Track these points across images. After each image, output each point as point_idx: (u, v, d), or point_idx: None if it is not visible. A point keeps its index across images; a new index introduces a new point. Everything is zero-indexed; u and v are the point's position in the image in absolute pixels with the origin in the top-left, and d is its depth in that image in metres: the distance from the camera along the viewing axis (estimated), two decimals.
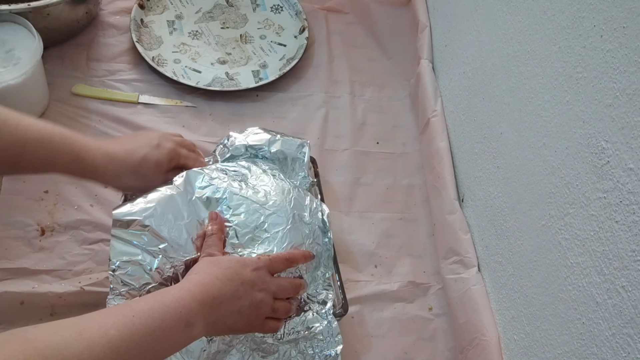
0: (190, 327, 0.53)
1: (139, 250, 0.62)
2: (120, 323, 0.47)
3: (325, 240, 0.72)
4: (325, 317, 0.68)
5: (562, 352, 0.57)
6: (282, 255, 0.64)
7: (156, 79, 0.93)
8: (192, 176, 0.68)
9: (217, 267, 0.59)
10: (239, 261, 0.61)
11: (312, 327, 0.67)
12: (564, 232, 0.57)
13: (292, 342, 0.67)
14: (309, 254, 0.68)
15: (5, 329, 0.67)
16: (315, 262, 0.70)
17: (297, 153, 0.78)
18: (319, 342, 0.68)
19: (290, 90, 0.97)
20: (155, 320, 0.50)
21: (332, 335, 0.68)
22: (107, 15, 0.98)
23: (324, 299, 0.70)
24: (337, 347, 0.67)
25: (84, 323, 0.47)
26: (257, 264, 0.61)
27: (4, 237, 0.74)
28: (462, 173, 0.84)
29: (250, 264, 0.61)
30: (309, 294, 0.69)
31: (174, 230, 0.64)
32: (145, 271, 0.62)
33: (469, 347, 0.71)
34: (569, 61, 0.57)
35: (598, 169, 0.52)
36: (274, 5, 1.07)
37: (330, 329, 0.68)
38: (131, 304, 0.51)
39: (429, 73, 0.94)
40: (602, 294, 0.51)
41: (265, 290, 0.61)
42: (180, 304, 0.52)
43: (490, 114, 0.75)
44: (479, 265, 0.76)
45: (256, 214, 0.67)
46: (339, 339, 0.67)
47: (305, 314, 0.68)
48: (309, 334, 0.67)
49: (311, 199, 0.73)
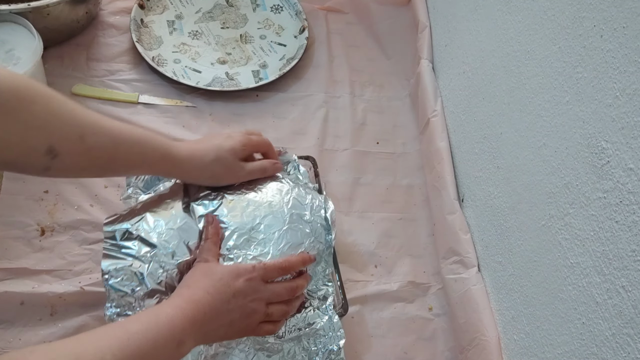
0: (181, 345, 0.54)
1: (130, 259, 0.63)
2: (115, 347, 0.48)
3: (328, 237, 0.72)
4: (325, 312, 0.68)
5: (562, 352, 0.57)
6: (277, 262, 0.64)
7: (156, 79, 0.93)
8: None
9: (209, 279, 0.59)
10: (231, 272, 0.61)
11: (313, 324, 0.68)
12: (564, 232, 0.57)
13: (295, 339, 0.67)
14: (307, 258, 0.67)
15: (6, 329, 0.68)
16: (317, 259, 0.70)
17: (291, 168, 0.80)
18: (322, 338, 0.68)
19: (290, 90, 0.97)
20: (149, 341, 0.51)
21: (334, 330, 0.68)
22: (107, 15, 0.98)
23: (324, 294, 0.70)
24: (340, 342, 0.67)
25: (80, 347, 0.47)
26: (250, 273, 0.61)
27: (4, 237, 0.74)
28: (462, 173, 0.84)
29: (244, 273, 0.61)
30: (309, 290, 0.69)
31: (164, 235, 0.64)
32: (138, 277, 0.62)
33: (469, 347, 0.71)
34: (569, 61, 0.57)
35: (598, 169, 0.52)
36: (274, 5, 1.07)
37: (332, 324, 0.68)
38: (126, 325, 0.52)
39: (429, 73, 0.94)
40: (602, 294, 0.51)
41: (257, 300, 0.61)
42: (173, 323, 0.53)
43: (490, 114, 0.75)
44: (479, 265, 0.76)
45: (252, 215, 0.68)
46: (341, 334, 0.68)
47: (305, 311, 0.68)
48: (311, 331, 0.67)
49: (314, 196, 0.73)
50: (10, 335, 0.68)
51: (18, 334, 0.68)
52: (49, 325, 0.69)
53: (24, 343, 0.68)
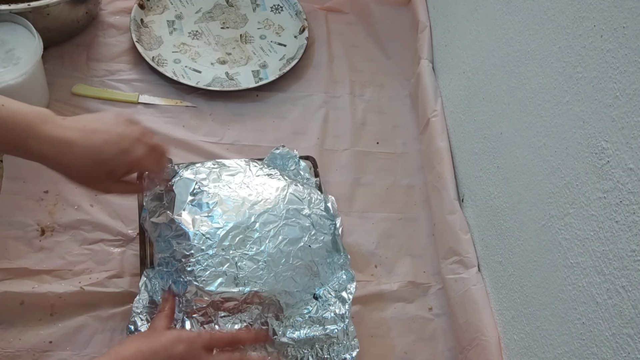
0: None
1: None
2: None
3: (331, 225, 0.72)
4: (342, 320, 0.68)
5: (562, 352, 0.57)
6: (225, 335, 0.63)
7: (156, 79, 0.93)
8: (182, 185, 0.70)
9: (148, 340, 0.59)
10: (175, 337, 0.59)
11: (327, 328, 0.67)
12: (564, 232, 0.57)
13: (308, 343, 0.67)
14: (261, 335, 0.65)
15: (6, 329, 0.68)
16: (327, 252, 0.70)
17: (289, 163, 0.80)
18: (335, 346, 0.67)
19: (290, 90, 0.97)
20: None
21: (348, 338, 0.68)
22: (107, 15, 0.98)
23: (340, 294, 0.69)
24: (354, 352, 0.67)
25: None
26: (193, 340, 0.60)
27: (4, 237, 0.74)
28: (462, 173, 0.84)
29: (186, 340, 0.59)
30: (326, 286, 0.70)
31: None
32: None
33: (469, 347, 0.71)
34: (569, 61, 0.57)
35: (598, 169, 0.52)
36: (274, 5, 1.07)
37: (347, 332, 0.68)
38: None
39: (429, 73, 0.94)
40: (602, 294, 0.51)
41: None
42: None
43: (490, 114, 0.75)
44: (479, 265, 0.76)
45: (247, 214, 0.68)
46: (355, 343, 0.68)
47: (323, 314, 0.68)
48: (325, 337, 0.67)
49: (312, 191, 0.73)
50: (10, 335, 0.68)
51: (18, 334, 0.68)
52: (49, 325, 0.69)
53: (24, 343, 0.68)
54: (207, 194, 0.69)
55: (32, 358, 0.67)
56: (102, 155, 0.58)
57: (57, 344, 0.68)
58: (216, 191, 0.70)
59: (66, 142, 0.56)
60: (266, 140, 0.90)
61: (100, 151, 0.58)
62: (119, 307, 0.71)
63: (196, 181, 0.71)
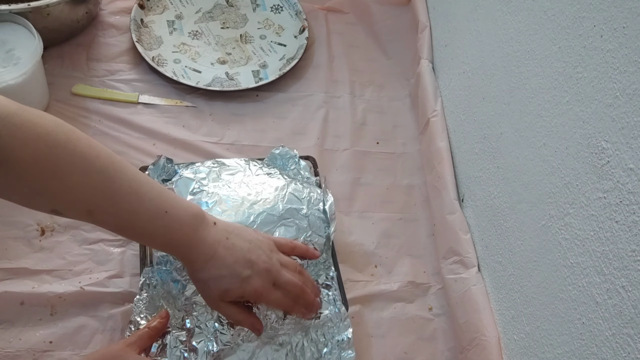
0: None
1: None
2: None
3: (327, 230, 0.72)
4: (331, 302, 0.69)
5: (562, 352, 0.57)
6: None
7: (156, 79, 0.93)
8: (182, 185, 0.70)
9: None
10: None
11: (320, 313, 0.68)
12: (564, 232, 0.57)
13: (303, 330, 0.67)
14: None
15: (6, 329, 0.68)
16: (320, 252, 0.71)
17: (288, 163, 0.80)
18: (329, 329, 0.68)
19: (290, 90, 0.97)
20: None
21: (340, 319, 0.68)
22: (107, 15, 0.98)
23: (325, 282, 0.70)
24: (348, 331, 0.68)
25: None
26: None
27: (4, 237, 0.74)
28: (462, 173, 0.84)
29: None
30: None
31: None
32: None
33: (469, 347, 0.71)
34: (569, 61, 0.57)
35: (598, 169, 0.52)
36: (274, 5, 1.07)
37: (338, 313, 0.68)
38: None
39: (429, 73, 0.94)
40: (602, 294, 0.51)
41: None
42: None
43: (490, 114, 0.75)
44: (479, 265, 0.76)
45: (246, 213, 0.68)
46: (347, 323, 0.68)
47: None
48: (318, 322, 0.68)
49: (312, 190, 0.74)
50: (10, 335, 0.68)
51: (18, 334, 0.68)
52: (49, 325, 0.69)
53: (24, 343, 0.68)
54: (206, 194, 0.69)
55: (32, 358, 0.67)
56: (223, 279, 0.59)
57: (57, 344, 0.68)
58: (215, 190, 0.70)
59: (210, 254, 0.59)
60: (266, 140, 0.90)
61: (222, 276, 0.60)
62: (119, 307, 0.71)
63: (196, 180, 0.71)
